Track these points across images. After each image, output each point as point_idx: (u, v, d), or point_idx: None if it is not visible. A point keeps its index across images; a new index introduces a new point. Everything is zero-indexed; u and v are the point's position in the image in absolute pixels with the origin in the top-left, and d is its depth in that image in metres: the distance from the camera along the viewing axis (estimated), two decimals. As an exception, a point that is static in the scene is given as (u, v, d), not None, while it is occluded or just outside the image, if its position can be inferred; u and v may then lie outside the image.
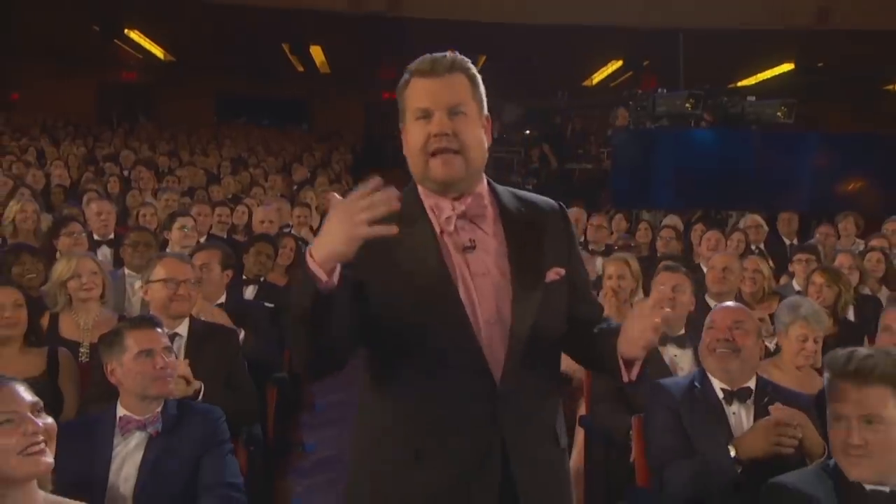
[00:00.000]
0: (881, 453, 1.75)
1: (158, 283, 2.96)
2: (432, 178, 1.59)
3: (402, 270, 1.55)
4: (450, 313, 1.54)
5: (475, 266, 1.59)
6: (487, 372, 1.53)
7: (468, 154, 1.58)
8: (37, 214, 5.12)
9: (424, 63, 1.61)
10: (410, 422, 1.56)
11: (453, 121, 1.57)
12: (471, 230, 1.61)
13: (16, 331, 2.81)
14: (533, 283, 1.59)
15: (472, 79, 1.63)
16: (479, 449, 1.52)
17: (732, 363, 2.46)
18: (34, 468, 1.62)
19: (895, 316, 2.49)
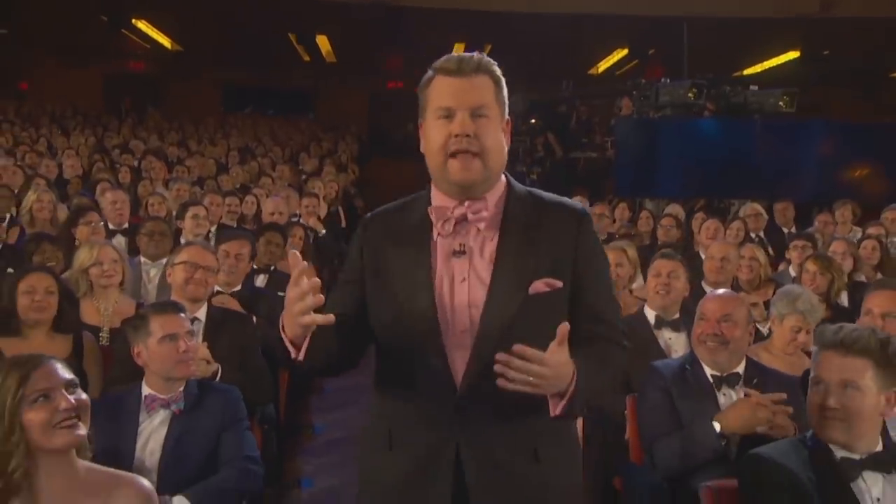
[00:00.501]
0: (853, 418, 1.89)
1: (179, 266, 3.14)
2: (449, 179, 1.59)
3: (392, 274, 1.62)
4: (422, 318, 1.58)
5: (458, 272, 1.60)
6: (450, 376, 1.57)
7: (487, 158, 1.57)
8: (53, 204, 5.28)
9: (450, 62, 1.60)
10: (387, 412, 1.68)
11: (475, 122, 1.56)
12: (467, 235, 1.62)
13: (45, 315, 2.97)
14: (510, 292, 1.57)
15: (497, 81, 1.63)
16: (434, 449, 1.59)
17: (721, 355, 2.60)
18: (67, 440, 1.76)
19: (876, 299, 2.62)
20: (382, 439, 1.64)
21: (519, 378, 1.43)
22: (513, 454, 1.59)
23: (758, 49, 14.01)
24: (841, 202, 6.76)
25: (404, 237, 1.65)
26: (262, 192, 7.21)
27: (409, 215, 1.68)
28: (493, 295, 1.58)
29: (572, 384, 1.49)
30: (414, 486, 1.60)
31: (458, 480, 1.57)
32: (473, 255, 1.61)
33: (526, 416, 1.57)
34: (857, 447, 1.91)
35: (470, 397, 1.56)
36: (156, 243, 4.38)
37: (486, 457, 1.57)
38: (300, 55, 15.92)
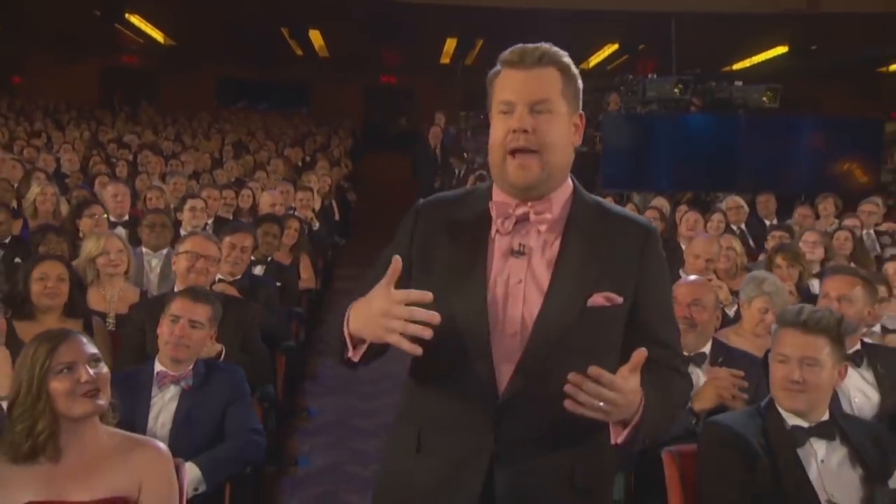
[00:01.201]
0: (812, 390, 2.11)
1: (183, 255, 3.35)
2: (507, 180, 1.52)
3: (444, 268, 1.54)
4: (472, 317, 1.50)
5: (515, 272, 1.52)
6: (493, 381, 1.49)
7: (547, 155, 1.49)
8: (56, 197, 5.46)
9: (514, 53, 1.53)
10: (418, 413, 1.58)
11: (535, 118, 1.48)
12: (527, 235, 1.54)
13: (57, 301, 3.16)
14: (570, 302, 1.49)
15: (565, 72, 1.53)
16: (468, 456, 1.50)
17: (689, 336, 2.80)
18: (87, 409, 1.95)
19: (832, 283, 2.84)
20: (410, 441, 1.56)
21: (589, 402, 1.34)
22: (548, 474, 1.51)
23: (746, 44, 14.25)
24: (823, 196, 7.01)
25: (461, 230, 1.56)
26: (257, 185, 7.41)
27: (468, 208, 1.59)
28: (549, 301, 1.49)
29: (638, 413, 1.41)
30: (441, 492, 1.52)
31: (486, 491, 1.49)
32: (533, 257, 1.53)
33: (566, 435, 1.49)
34: (810, 416, 2.13)
35: (512, 406, 1.48)
36: (157, 234, 4.57)
37: (521, 471, 1.49)
38: (293, 50, 16.09)
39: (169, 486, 2.02)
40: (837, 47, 13.95)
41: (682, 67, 9.74)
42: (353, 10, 13.24)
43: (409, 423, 1.59)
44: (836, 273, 2.91)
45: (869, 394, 2.76)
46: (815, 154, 8.13)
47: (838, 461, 2.08)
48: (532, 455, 1.49)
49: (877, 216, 6.32)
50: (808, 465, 2.07)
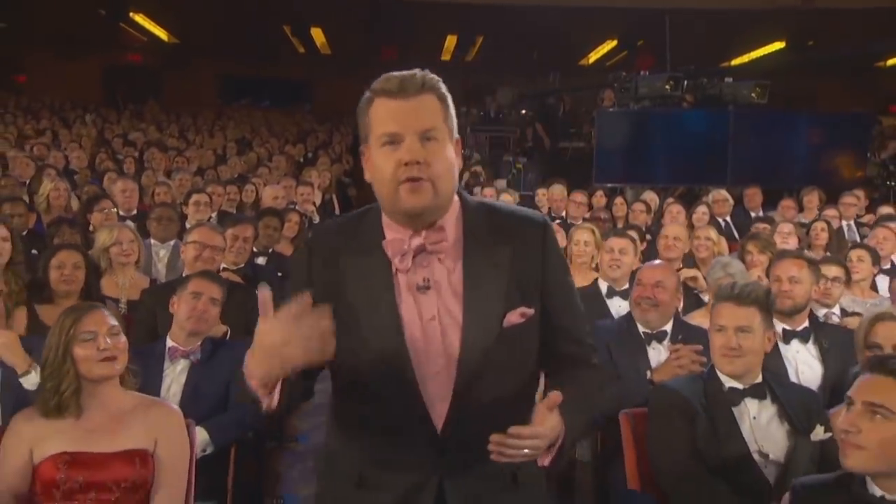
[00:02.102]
0: (747, 355, 2.40)
1: (190, 245, 3.67)
2: (401, 208, 1.49)
3: (355, 310, 1.52)
4: (394, 359, 1.50)
5: (426, 309, 1.52)
6: (428, 419, 1.51)
7: (439, 183, 1.48)
8: (68, 192, 5.79)
9: (391, 82, 1.49)
10: (357, 449, 1.58)
11: (425, 147, 1.47)
12: (428, 266, 1.53)
13: (73, 287, 3.48)
14: (486, 329, 1.50)
15: (443, 99, 1.52)
16: (415, 489, 1.53)
17: (651, 314, 3.12)
18: (105, 372, 2.26)
19: (782, 266, 3.14)
20: (350, 476, 1.57)
21: (515, 454, 1.40)
22: (494, 485, 1.55)
23: (743, 40, 14.47)
24: (808, 189, 7.29)
25: (361, 269, 1.54)
26: (260, 181, 7.73)
27: (362, 241, 1.57)
28: (467, 333, 1.50)
29: (561, 439, 1.46)
30: None
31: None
32: (441, 289, 1.52)
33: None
34: (745, 379, 2.43)
35: (453, 439, 1.50)
36: (164, 227, 4.89)
37: (470, 491, 1.53)
38: (295, 47, 16.39)
39: (181, 442, 2.33)
40: (834, 43, 14.16)
41: (680, 63, 10.01)
42: (354, 8, 13.54)
43: (346, 458, 1.60)
44: (785, 257, 3.21)
45: (814, 366, 3.07)
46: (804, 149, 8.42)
47: (768, 418, 2.38)
48: (477, 473, 1.52)
49: (857, 208, 6.61)
50: (742, 421, 2.37)
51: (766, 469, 2.31)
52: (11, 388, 2.69)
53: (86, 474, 2.15)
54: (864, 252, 4.44)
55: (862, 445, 1.70)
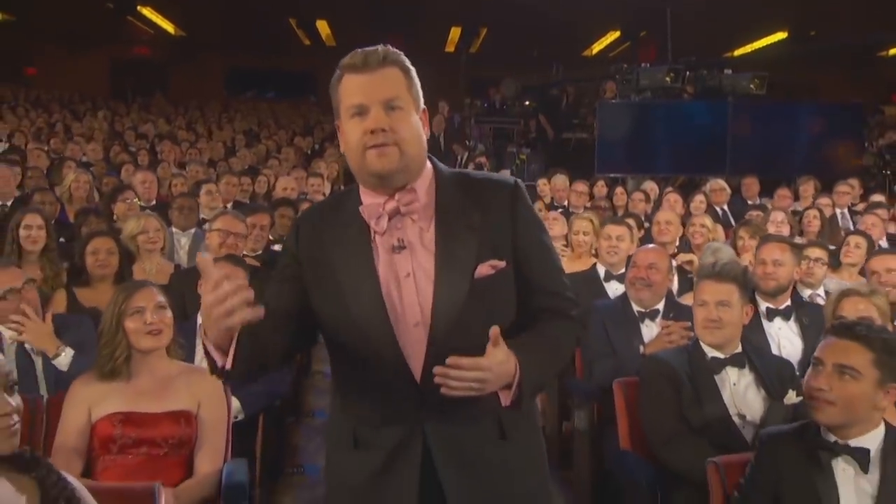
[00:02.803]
0: (727, 327, 2.68)
1: (214, 232, 3.96)
2: (368, 170, 1.59)
3: (337, 276, 1.62)
4: (372, 317, 1.59)
5: (401, 267, 1.62)
6: (408, 372, 1.60)
7: (405, 147, 1.58)
8: (89, 184, 6.06)
9: (356, 58, 1.60)
10: (350, 411, 1.70)
11: (389, 115, 1.57)
12: (402, 228, 1.63)
13: (107, 271, 3.77)
14: (457, 281, 1.60)
15: (407, 72, 1.62)
16: (402, 442, 1.62)
17: (645, 294, 3.40)
18: (151, 344, 2.55)
19: (765, 250, 3.40)
20: (347, 439, 1.69)
21: (460, 386, 1.47)
22: (480, 435, 1.64)
23: (746, 31, 14.66)
24: (804, 178, 7.55)
25: (342, 237, 1.66)
26: (271, 172, 8.01)
27: (343, 214, 1.69)
28: (439, 286, 1.60)
29: (517, 375, 1.52)
30: (383, 481, 1.64)
31: (427, 471, 1.63)
32: (414, 249, 1.62)
33: (485, 399, 1.58)
34: (725, 349, 2.70)
35: (432, 389, 1.54)
36: (185, 216, 5.17)
37: (455, 442, 1.62)
38: (301, 39, 16.64)
39: (221, 405, 2.61)
40: (837, 33, 14.35)
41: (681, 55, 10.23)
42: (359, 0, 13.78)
43: (344, 421, 1.71)
44: (769, 241, 3.48)
45: (794, 342, 3.34)
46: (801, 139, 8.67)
47: (746, 384, 2.66)
48: (460, 426, 1.61)
49: (850, 196, 6.86)
50: (723, 387, 2.65)
51: (743, 429, 2.58)
52: (51, 364, 3.00)
53: (138, 431, 2.43)
54: (862, 239, 4.65)
55: (833, 402, 1.96)
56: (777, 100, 9.57)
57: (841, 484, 1.92)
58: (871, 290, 2.80)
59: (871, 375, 1.94)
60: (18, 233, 4.09)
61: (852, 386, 1.95)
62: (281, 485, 3.72)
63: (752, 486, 2.02)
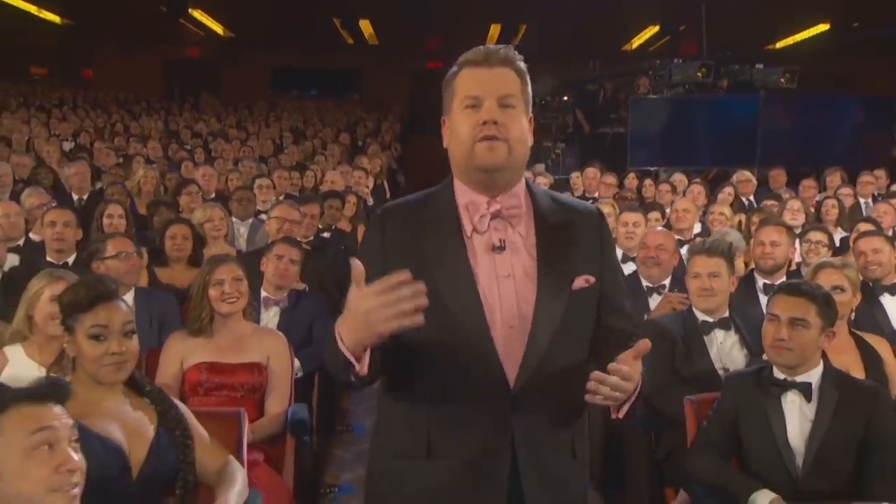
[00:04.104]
0: (718, 294, 3.16)
1: (274, 219, 4.57)
2: (477, 163, 1.61)
3: (428, 271, 1.56)
4: (468, 314, 1.58)
5: (501, 267, 1.62)
6: (502, 374, 1.58)
7: (514, 145, 1.61)
8: (156, 179, 6.75)
9: (478, 54, 1.65)
10: (424, 415, 1.63)
11: (503, 112, 1.60)
12: (503, 230, 1.65)
13: (183, 253, 4.39)
14: (559, 289, 1.62)
15: (522, 75, 1.67)
16: (488, 447, 1.59)
17: (654, 271, 3.89)
18: (228, 309, 3.12)
19: (763, 233, 3.85)
20: (418, 446, 1.63)
21: (610, 395, 1.48)
22: (558, 450, 1.66)
23: (787, 23, 14.83)
24: (831, 169, 7.88)
25: (434, 230, 1.65)
26: (317, 167, 8.65)
27: (433, 209, 1.70)
28: (542, 289, 1.61)
29: (637, 390, 1.55)
30: (465, 487, 1.60)
31: (511, 478, 1.61)
32: (517, 251, 1.64)
33: (569, 411, 1.64)
34: (715, 314, 3.19)
35: (523, 395, 1.57)
36: (243, 207, 5.82)
37: (539, 453, 1.62)
38: (344, 39, 17.32)
39: (286, 360, 3.19)
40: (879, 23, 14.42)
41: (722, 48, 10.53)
42: (401, 0, 14.37)
43: (411, 425, 1.65)
44: (767, 224, 3.93)
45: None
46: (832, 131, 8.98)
47: (731, 343, 3.14)
48: (544, 437, 1.63)
49: (874, 187, 7.19)
50: (711, 346, 3.14)
51: (726, 381, 3.06)
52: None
53: (220, 378, 3.03)
54: (870, 226, 5.06)
55: (790, 348, 2.44)
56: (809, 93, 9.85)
57: (787, 411, 2.40)
58: (843, 263, 3.24)
59: (817, 324, 2.42)
60: (102, 221, 4.76)
61: (804, 334, 2.43)
62: (333, 439, 4.31)
63: (716, 416, 2.51)
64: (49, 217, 4.18)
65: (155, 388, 2.33)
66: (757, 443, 2.41)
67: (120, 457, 2.11)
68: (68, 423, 1.70)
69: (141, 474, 2.14)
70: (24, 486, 1.58)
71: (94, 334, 2.13)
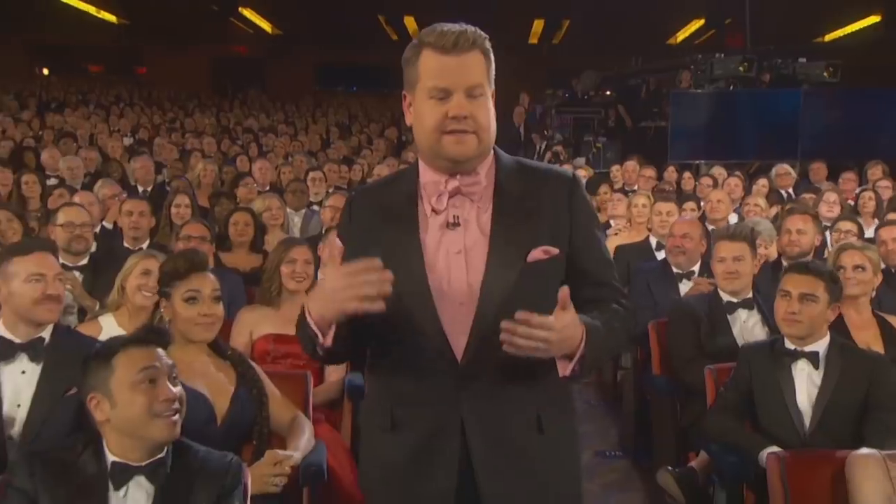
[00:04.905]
0: (743, 276, 3.43)
1: (327, 209, 4.97)
2: (444, 155, 1.62)
3: (383, 249, 1.58)
4: (414, 292, 1.61)
5: (452, 244, 1.64)
6: (449, 350, 1.61)
7: (482, 135, 1.62)
8: (214, 172, 7.22)
9: (445, 38, 1.59)
10: (387, 392, 1.71)
11: (471, 103, 1.59)
12: (461, 207, 1.66)
13: (245, 239, 4.80)
14: (509, 262, 1.61)
15: (487, 55, 1.63)
16: (439, 423, 1.64)
17: (681, 258, 4.17)
18: (297, 287, 3.48)
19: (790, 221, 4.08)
20: (384, 420, 1.70)
21: (525, 344, 1.47)
22: (517, 425, 1.65)
23: (836, 15, 14.81)
24: (873, 162, 8.00)
25: (393, 212, 1.68)
26: (364, 162, 9.08)
27: (397, 190, 1.72)
28: (491, 265, 1.61)
29: (581, 345, 1.53)
30: (419, 463, 1.66)
31: (463, 455, 1.64)
32: (469, 227, 1.65)
33: (528, 386, 1.63)
34: (739, 295, 3.47)
35: (472, 370, 1.60)
36: (297, 198, 6.24)
37: (492, 429, 1.63)
38: (389, 35, 17.77)
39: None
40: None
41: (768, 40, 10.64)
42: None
43: (381, 401, 1.73)
44: (793, 213, 4.19)
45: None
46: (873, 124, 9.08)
47: (753, 322, 3.43)
48: (498, 412, 1.63)
49: (913, 179, 7.30)
50: (734, 324, 3.42)
51: (748, 356, 3.34)
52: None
53: (285, 348, 3.41)
54: (895, 215, 5.26)
55: (800, 321, 2.73)
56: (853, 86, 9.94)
57: (797, 378, 2.69)
58: (864, 245, 3.48)
59: (824, 298, 2.70)
60: (170, 210, 5.21)
61: (813, 307, 2.72)
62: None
63: (733, 382, 2.80)
64: (126, 207, 4.63)
65: (235, 352, 2.74)
66: (769, 405, 2.70)
67: (207, 406, 2.51)
68: (168, 363, 2.03)
69: (224, 423, 2.53)
70: (133, 412, 1.93)
71: (188, 297, 2.54)
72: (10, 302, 2.54)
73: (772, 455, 2.30)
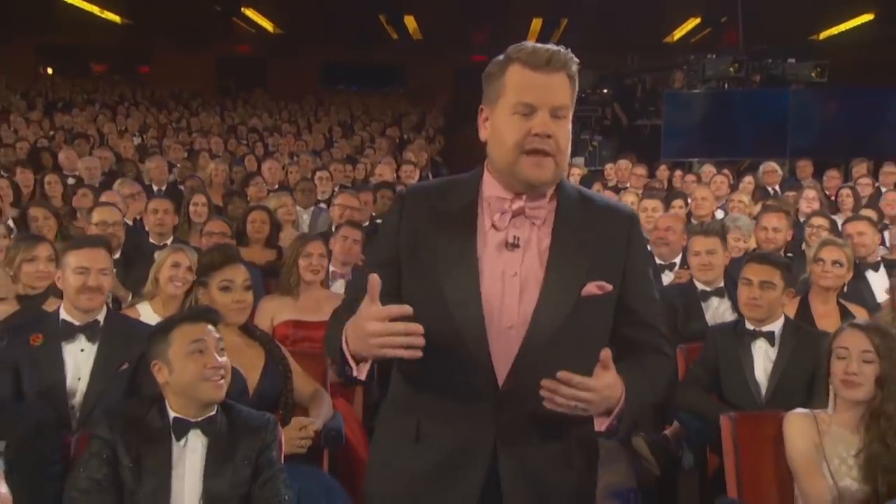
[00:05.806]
0: (716, 268, 3.84)
1: (337, 206, 5.38)
2: (521, 176, 1.60)
3: (435, 257, 1.61)
4: (465, 309, 1.60)
5: (510, 266, 1.62)
6: (492, 373, 1.60)
7: (560, 158, 1.60)
8: (225, 172, 7.63)
9: (538, 57, 1.59)
10: (416, 403, 1.69)
11: (555, 123, 1.58)
12: (520, 228, 1.64)
13: (261, 235, 5.21)
14: (563, 293, 1.61)
15: (574, 80, 1.64)
16: (470, 443, 1.63)
17: (664, 250, 4.57)
18: (314, 278, 3.90)
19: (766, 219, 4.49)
20: (408, 431, 1.68)
21: (566, 403, 1.48)
22: (548, 458, 1.65)
23: (830, 13, 15.17)
24: (857, 160, 8.43)
25: (449, 221, 1.66)
26: (367, 161, 9.50)
27: (454, 198, 1.70)
28: (546, 292, 1.60)
29: (620, 403, 1.54)
30: (441, 479, 1.65)
31: (487, 478, 1.63)
32: (528, 250, 1.63)
33: (561, 421, 1.59)
34: (712, 284, 3.88)
35: (511, 397, 1.59)
36: (305, 196, 6.65)
37: (522, 457, 1.63)
38: (389, 34, 18.17)
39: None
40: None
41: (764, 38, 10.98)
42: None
43: (406, 412, 1.71)
44: (768, 211, 4.60)
45: (783, 287, 4.45)
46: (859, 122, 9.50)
47: (724, 308, 3.84)
48: (531, 441, 1.63)
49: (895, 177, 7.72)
50: (707, 311, 3.84)
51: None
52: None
53: (304, 333, 3.83)
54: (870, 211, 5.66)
55: (760, 305, 3.15)
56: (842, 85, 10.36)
57: (756, 354, 3.11)
58: (843, 242, 3.87)
59: (781, 285, 3.12)
60: (189, 209, 5.63)
61: (771, 293, 3.13)
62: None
63: (701, 359, 3.23)
64: (152, 206, 5.04)
65: (263, 333, 3.17)
66: (732, 379, 3.12)
67: (241, 380, 2.93)
68: (215, 336, 2.40)
69: (255, 394, 2.95)
70: (186, 377, 2.30)
71: (223, 286, 2.96)
72: (64, 289, 2.96)
73: (725, 416, 2.71)
